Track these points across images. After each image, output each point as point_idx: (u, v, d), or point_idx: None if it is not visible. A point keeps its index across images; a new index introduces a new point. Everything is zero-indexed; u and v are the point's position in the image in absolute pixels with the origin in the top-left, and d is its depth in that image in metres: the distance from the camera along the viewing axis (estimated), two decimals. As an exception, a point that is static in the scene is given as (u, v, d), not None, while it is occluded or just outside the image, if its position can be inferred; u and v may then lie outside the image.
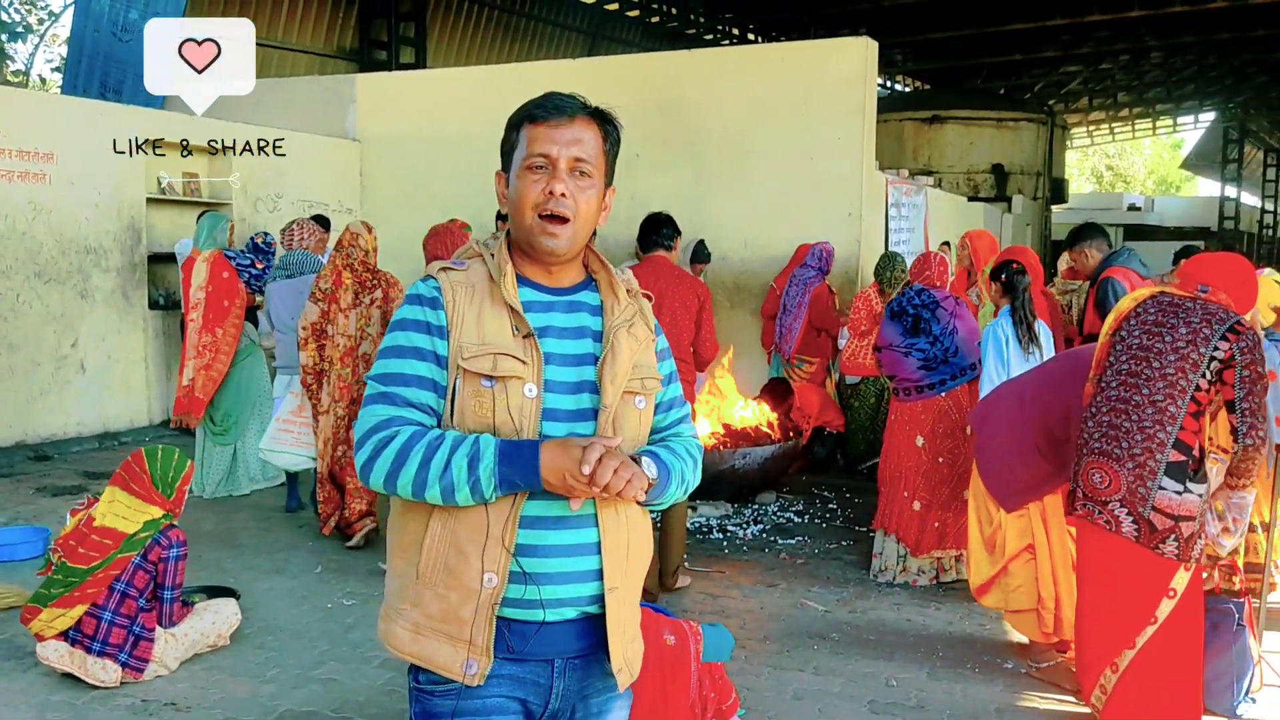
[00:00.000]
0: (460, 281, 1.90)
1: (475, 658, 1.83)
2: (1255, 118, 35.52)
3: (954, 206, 14.72)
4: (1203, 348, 3.55)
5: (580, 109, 1.93)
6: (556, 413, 1.86)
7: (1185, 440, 3.58)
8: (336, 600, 5.18)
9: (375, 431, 1.82)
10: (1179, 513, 3.57)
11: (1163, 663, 3.65)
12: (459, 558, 1.82)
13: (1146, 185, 55.25)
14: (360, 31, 16.99)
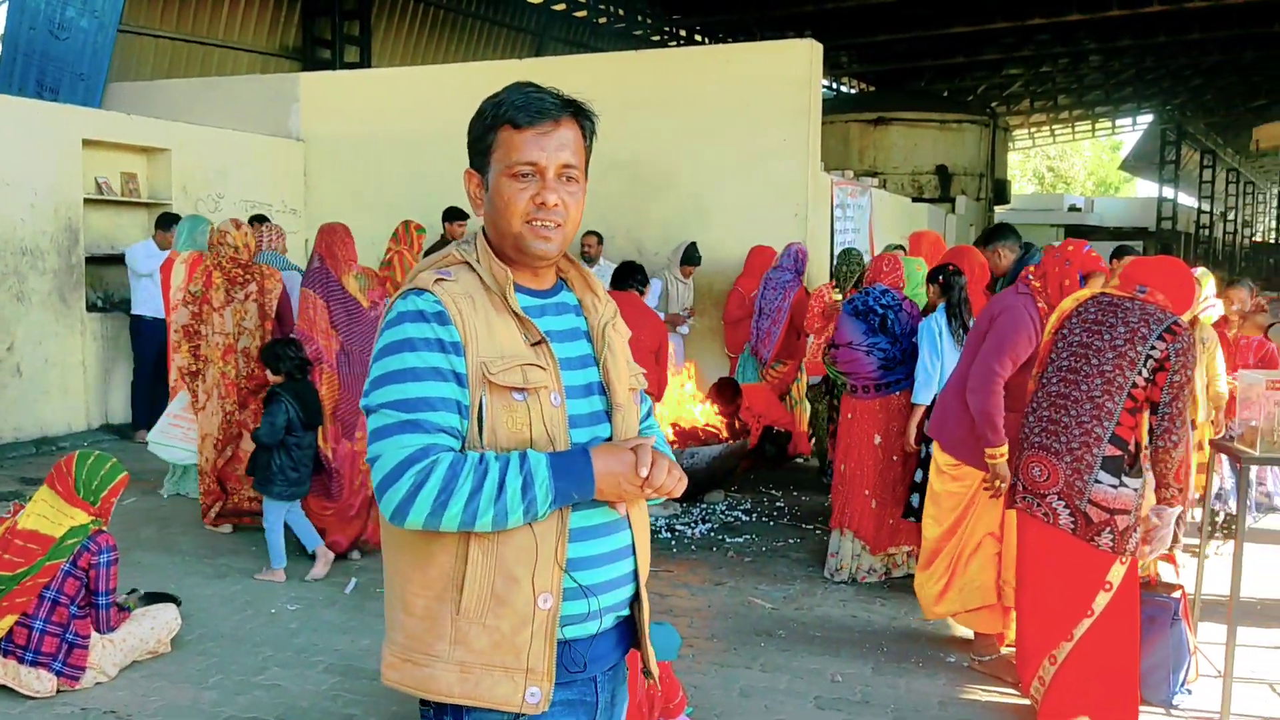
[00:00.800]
0: (458, 293, 1.77)
1: (537, 684, 1.72)
2: (1192, 120, 36.31)
3: (899, 207, 14.89)
4: (1140, 346, 3.63)
5: (562, 109, 1.83)
6: (577, 419, 1.81)
7: (1121, 435, 3.65)
8: (280, 605, 5.12)
9: (411, 464, 1.65)
10: (1114, 506, 3.65)
11: (1099, 654, 3.72)
12: (509, 584, 1.71)
13: (1086, 186, 56.28)
14: (304, 30, 16.80)
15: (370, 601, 5.19)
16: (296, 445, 5.42)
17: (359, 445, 5.73)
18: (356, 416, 5.76)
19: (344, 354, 5.78)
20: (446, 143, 10.67)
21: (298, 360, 5.49)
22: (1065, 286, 4.28)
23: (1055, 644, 3.78)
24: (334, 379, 5.73)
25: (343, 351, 5.77)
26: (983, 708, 4.13)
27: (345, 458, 5.76)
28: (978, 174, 23.17)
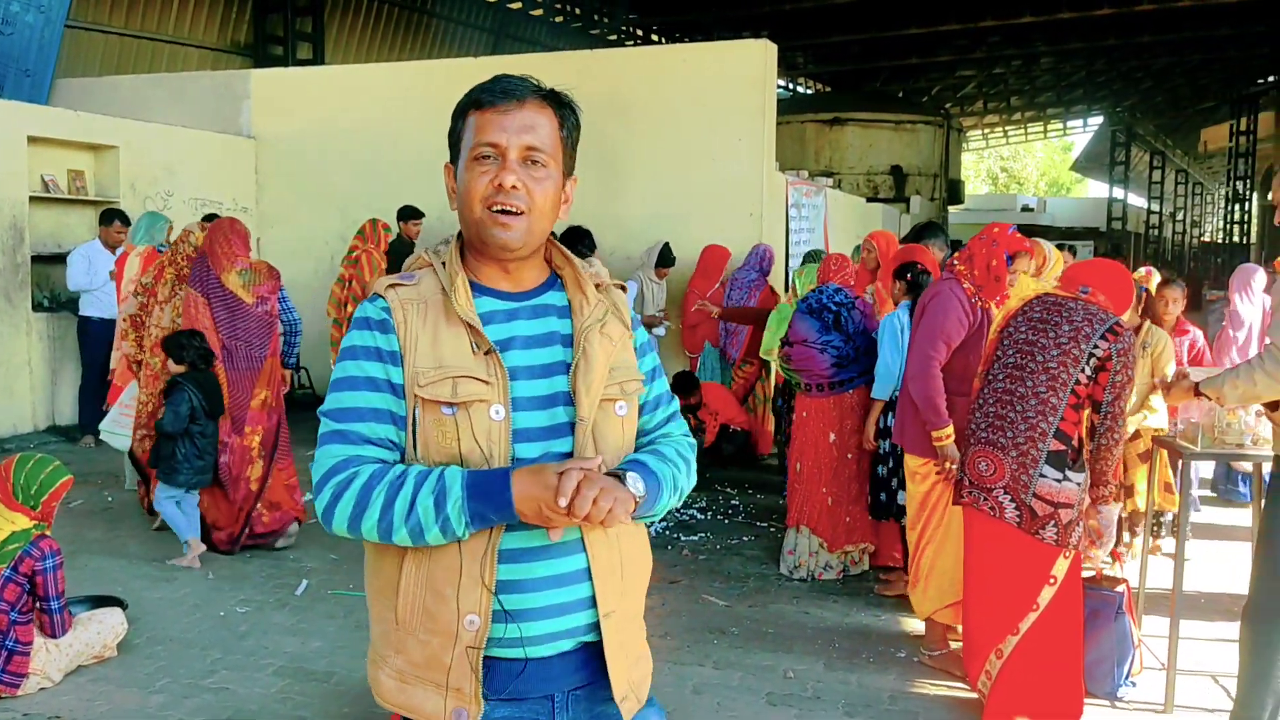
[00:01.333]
0: (411, 298, 1.72)
1: (464, 706, 1.68)
2: (1141, 121, 36.92)
3: (853, 207, 15.00)
4: (1083, 344, 3.69)
5: (531, 91, 1.73)
6: (529, 432, 1.71)
7: (1065, 430, 3.71)
8: (230, 608, 5.06)
9: (333, 475, 1.66)
10: (1058, 500, 3.70)
11: (1045, 648, 3.77)
12: (437, 600, 1.68)
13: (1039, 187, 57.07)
14: (255, 26, 16.63)
15: (321, 604, 5.15)
16: (201, 434, 5.57)
17: (247, 440, 5.84)
18: (244, 411, 5.83)
19: (226, 350, 5.81)
20: (400, 141, 10.76)
21: (201, 350, 5.59)
22: (992, 266, 4.35)
23: (1002, 638, 3.83)
24: (220, 374, 5.76)
25: (225, 348, 5.81)
26: (932, 701, 4.17)
27: (236, 452, 5.80)
28: (932, 174, 23.40)
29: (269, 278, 6.00)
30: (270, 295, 5.97)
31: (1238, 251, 31.62)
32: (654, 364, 1.91)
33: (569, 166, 1.79)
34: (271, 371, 5.99)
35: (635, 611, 1.85)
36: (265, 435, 5.92)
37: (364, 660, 4.36)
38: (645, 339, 1.90)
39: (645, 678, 1.89)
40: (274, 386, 6.00)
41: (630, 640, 1.83)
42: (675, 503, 1.82)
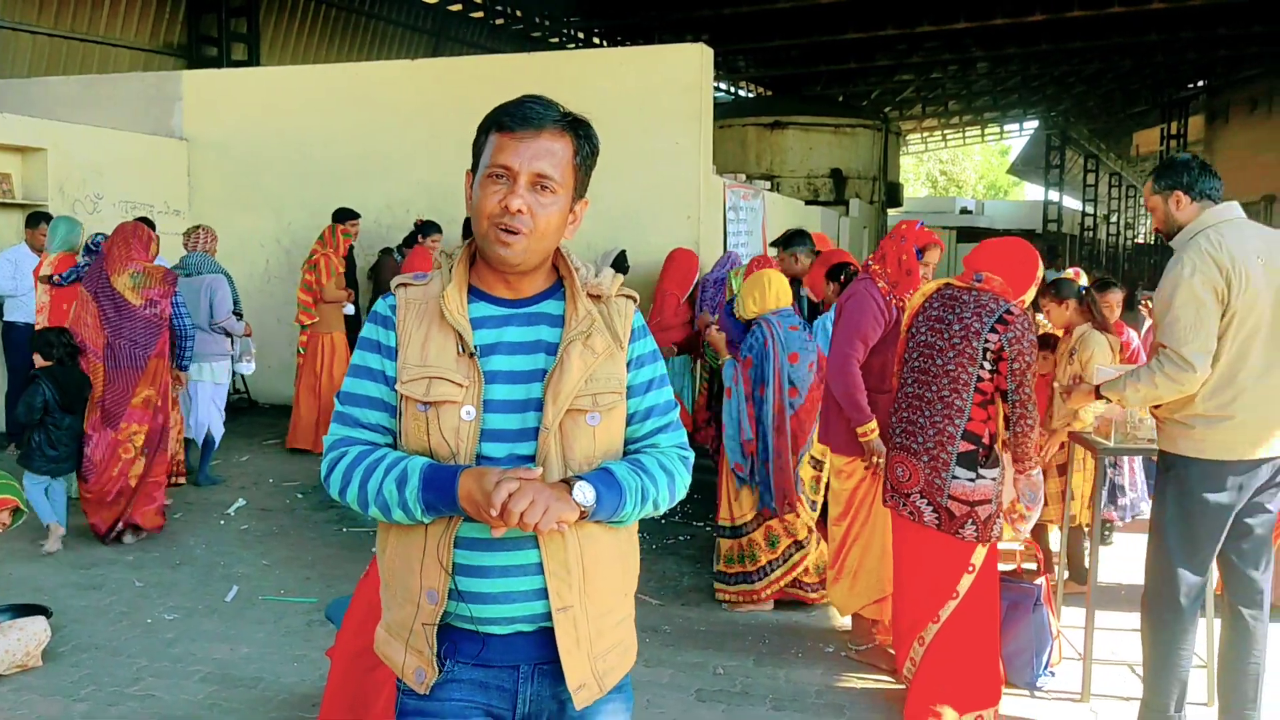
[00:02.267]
0: (415, 298, 1.88)
1: (423, 667, 1.86)
2: (1075, 125, 37.62)
3: (792, 210, 15.12)
4: (975, 341, 3.75)
5: (552, 120, 1.84)
6: (499, 433, 1.82)
7: (974, 430, 3.78)
8: (158, 615, 5.00)
9: (330, 450, 1.90)
10: (974, 499, 3.78)
11: (964, 633, 3.86)
12: (407, 573, 1.86)
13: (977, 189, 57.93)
14: (189, 27, 16.39)
15: (251, 610, 5.11)
16: (54, 426, 5.81)
17: (121, 435, 6.02)
18: (122, 408, 6.02)
19: (110, 348, 6.03)
20: (336, 142, 10.69)
21: (68, 347, 5.91)
22: (903, 261, 4.44)
23: (924, 625, 3.91)
24: (99, 371, 6.00)
25: (109, 345, 6.03)
26: (858, 694, 4.24)
27: (107, 445, 5.99)
28: (871, 177, 23.66)
29: (161, 282, 6.18)
30: (161, 299, 6.16)
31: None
32: (652, 376, 1.97)
33: (581, 190, 1.91)
34: (156, 371, 6.14)
35: (605, 609, 1.91)
36: (150, 433, 6.10)
37: (292, 666, 4.38)
38: (648, 351, 1.97)
39: (616, 669, 1.95)
40: (159, 386, 6.16)
41: (598, 634, 1.90)
42: (650, 511, 1.91)
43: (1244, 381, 3.44)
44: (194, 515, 6.80)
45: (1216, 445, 3.48)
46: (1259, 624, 3.61)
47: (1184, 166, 3.62)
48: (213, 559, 5.90)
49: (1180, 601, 3.57)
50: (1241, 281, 3.41)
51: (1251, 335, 3.44)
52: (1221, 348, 3.43)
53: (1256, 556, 3.61)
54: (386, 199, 10.54)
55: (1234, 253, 3.42)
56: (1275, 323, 3.46)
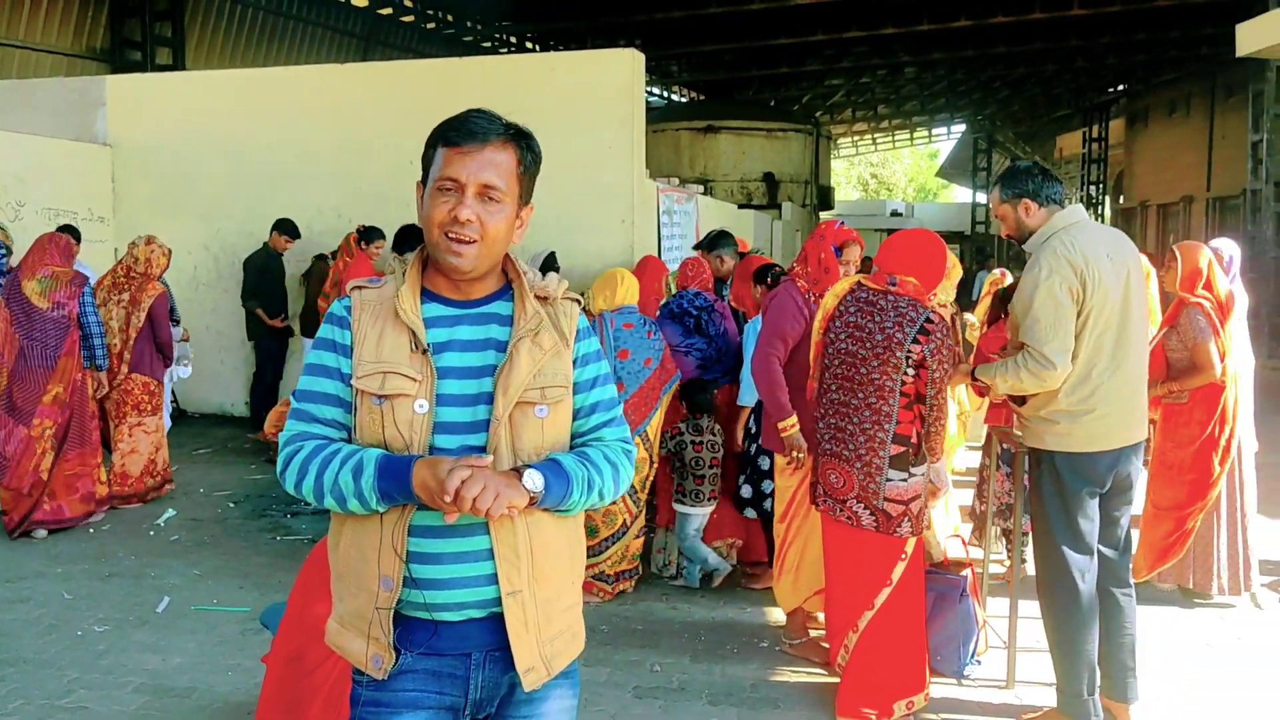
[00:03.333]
0: (370, 300, 1.98)
1: (380, 653, 1.92)
2: (1001, 129, 38.42)
3: (725, 214, 15.25)
4: (898, 351, 3.84)
5: (496, 133, 1.94)
6: (452, 426, 1.91)
7: (902, 433, 3.88)
8: (88, 627, 4.93)
9: (286, 445, 1.96)
10: (907, 497, 3.90)
11: (896, 620, 3.98)
12: (362, 562, 1.93)
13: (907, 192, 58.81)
14: (112, 31, 16.06)
15: (183, 620, 5.05)
16: None
17: (34, 431, 6.37)
18: (34, 405, 6.38)
19: (22, 350, 6.38)
20: (265, 148, 10.57)
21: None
22: (822, 259, 4.54)
23: (859, 614, 4.02)
24: (3, 372, 6.33)
25: (21, 347, 6.38)
26: (791, 687, 4.32)
27: (20, 442, 6.34)
28: (804, 181, 23.94)
29: (69, 285, 6.50)
30: (68, 300, 6.48)
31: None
32: (596, 373, 2.08)
33: (526, 197, 2.01)
34: (66, 370, 6.47)
35: (554, 595, 1.99)
36: (57, 429, 6.45)
37: (227, 675, 4.35)
38: (593, 350, 2.08)
39: (564, 654, 2.03)
40: (68, 384, 6.48)
41: (546, 619, 1.98)
42: (596, 501, 2.00)
43: (1100, 376, 3.64)
44: (123, 526, 6.70)
45: (1081, 438, 3.67)
46: (1128, 599, 3.87)
47: (1028, 174, 3.79)
48: (142, 569, 5.81)
49: (1078, 584, 3.74)
50: (1094, 281, 3.59)
51: (1104, 331, 3.63)
52: (1079, 345, 3.62)
53: (1120, 540, 3.87)
54: (318, 205, 10.45)
55: (1086, 253, 3.61)
56: (1124, 318, 3.66)
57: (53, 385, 6.39)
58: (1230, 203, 23.56)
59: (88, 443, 6.63)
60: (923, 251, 4.02)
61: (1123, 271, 3.65)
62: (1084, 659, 3.76)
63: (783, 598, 4.78)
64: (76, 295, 6.48)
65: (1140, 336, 3.75)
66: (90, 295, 6.61)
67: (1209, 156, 25.58)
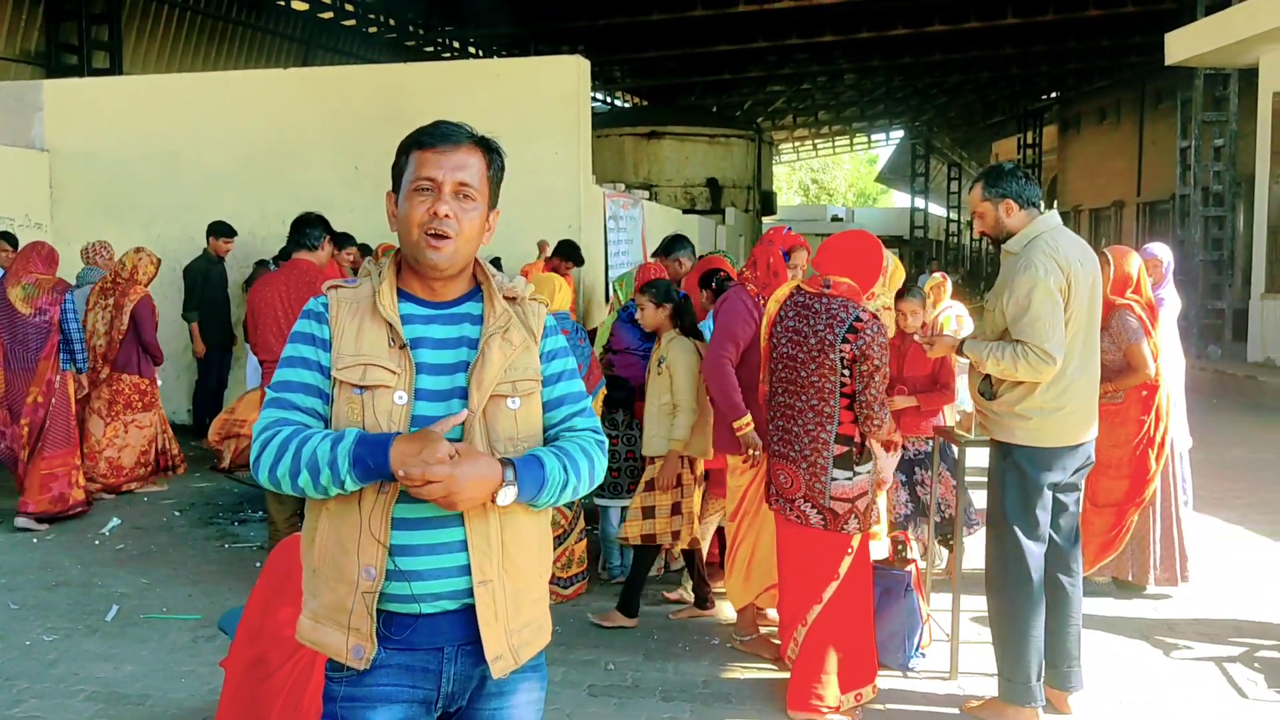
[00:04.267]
0: (347, 298, 2.05)
1: (361, 643, 1.97)
2: (938, 135, 39.08)
3: (670, 219, 15.38)
4: (831, 354, 3.95)
5: (466, 137, 2.05)
6: (426, 419, 1.98)
7: (845, 433, 4.01)
8: (36, 636, 4.88)
9: (263, 432, 1.99)
10: (853, 495, 4.02)
11: (843, 613, 4.09)
12: (342, 553, 1.98)
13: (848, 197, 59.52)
14: (47, 34, 15.80)
15: (133, 629, 5.02)
16: None
17: (20, 429, 6.81)
18: (20, 405, 6.80)
19: (8, 353, 6.82)
20: (206, 153, 10.49)
21: None
22: (771, 264, 4.65)
23: (808, 608, 4.12)
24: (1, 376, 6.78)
25: (6, 351, 6.82)
26: (743, 683, 4.42)
27: (17, 439, 6.82)
28: (746, 186, 24.19)
29: (50, 291, 6.88)
30: (50, 306, 6.86)
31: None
32: (563, 368, 2.17)
33: (493, 201, 2.11)
34: (43, 372, 6.83)
35: (523, 586, 2.06)
36: (31, 427, 6.81)
37: (180, 682, 4.35)
38: (559, 346, 2.17)
39: (531, 644, 2.09)
40: (43, 385, 6.84)
41: (515, 609, 2.05)
42: (570, 495, 2.07)
43: (1071, 375, 3.81)
44: (67, 535, 6.63)
45: (1052, 433, 3.83)
46: (1075, 589, 4.03)
47: (1012, 175, 3.93)
48: (89, 579, 5.76)
49: (1032, 576, 3.89)
50: (1075, 283, 3.76)
51: (1078, 333, 3.81)
52: None
53: (1067, 528, 4.03)
54: (261, 210, 10.38)
55: (1069, 255, 3.77)
56: (1090, 320, 3.84)
57: (33, 386, 6.80)
58: (1160, 207, 24.21)
59: (70, 442, 6.97)
60: (857, 251, 4.12)
61: (1090, 277, 3.82)
62: (1034, 646, 3.90)
63: (733, 595, 4.88)
64: (58, 301, 6.86)
65: (1096, 340, 3.93)
66: (72, 301, 6.96)
67: (1139, 162, 26.27)
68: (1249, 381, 12.61)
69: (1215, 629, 5.01)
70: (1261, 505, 7.24)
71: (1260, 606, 5.30)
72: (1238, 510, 7.06)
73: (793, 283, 4.27)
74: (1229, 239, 16.19)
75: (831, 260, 4.11)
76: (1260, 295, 14.04)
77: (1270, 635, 4.92)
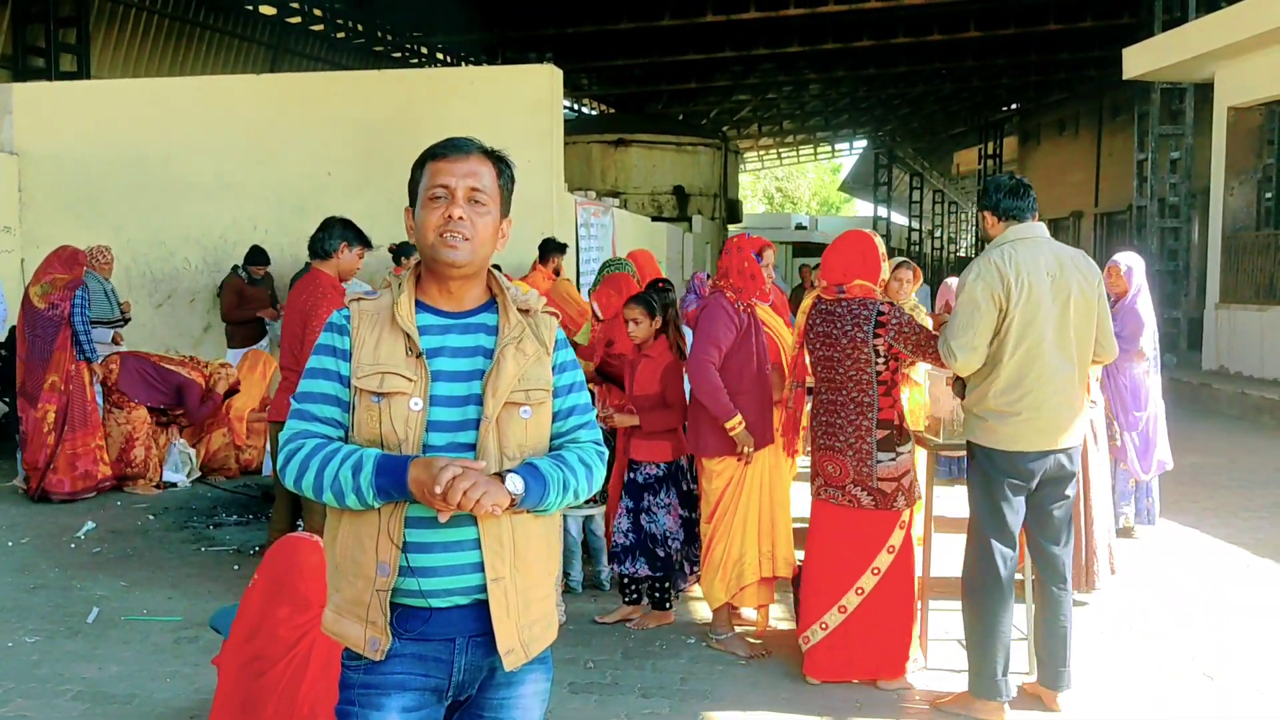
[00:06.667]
0: (368, 310, 2.15)
1: (377, 635, 2.07)
2: (901, 145, 39.50)
3: (640, 226, 15.53)
4: (865, 348, 4.25)
5: (476, 149, 2.17)
6: (442, 424, 2.09)
7: (885, 418, 4.30)
8: (18, 638, 4.91)
9: (288, 443, 2.11)
10: (898, 474, 4.31)
11: (881, 609, 4.34)
12: (360, 550, 2.08)
13: (812, 206, 59.97)
14: (14, 37, 15.67)
15: (115, 630, 5.07)
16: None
17: (39, 413, 7.57)
18: (39, 392, 7.56)
19: (30, 344, 7.59)
20: (177, 158, 10.51)
21: None
22: (745, 268, 4.81)
23: (842, 594, 4.35)
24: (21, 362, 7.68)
25: (29, 343, 7.59)
26: (720, 679, 4.54)
27: (32, 422, 7.57)
28: (712, 194, 24.37)
29: (64, 289, 7.59)
30: (61, 302, 7.55)
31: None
32: (573, 380, 2.26)
33: (505, 209, 2.21)
34: (59, 361, 7.54)
35: (533, 583, 2.16)
36: (57, 413, 7.55)
37: (165, 682, 4.42)
38: (569, 359, 2.26)
39: (540, 639, 2.19)
40: (62, 373, 7.55)
41: (526, 605, 2.14)
42: (571, 499, 2.17)
43: (1030, 383, 3.93)
44: (42, 539, 6.64)
45: (1006, 437, 3.98)
46: (1064, 594, 4.15)
47: (995, 189, 4.14)
48: (68, 582, 5.79)
49: (1000, 573, 4.05)
50: (1022, 292, 3.89)
51: (1038, 343, 3.92)
52: (1003, 349, 3.92)
53: (1057, 535, 4.16)
54: (233, 215, 10.42)
55: (1021, 267, 3.91)
56: (1061, 333, 3.94)
57: (50, 374, 7.51)
58: (1117, 218, 24.66)
59: (89, 424, 7.65)
60: (857, 253, 4.40)
61: (1064, 291, 3.93)
62: (1001, 642, 4.06)
63: (710, 595, 4.99)
64: (69, 298, 7.55)
65: (1082, 352, 4.00)
66: (80, 298, 7.61)
67: (1097, 173, 26.76)
68: (1203, 389, 12.94)
69: (1173, 632, 5.18)
70: (1217, 510, 7.47)
71: (1216, 609, 5.49)
72: (1193, 514, 7.29)
73: (813, 293, 4.54)
74: (1184, 250, 16.57)
75: (835, 270, 4.39)
76: (1215, 305, 14.39)
77: (1227, 637, 5.11)
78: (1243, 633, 5.09)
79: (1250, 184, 14.17)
